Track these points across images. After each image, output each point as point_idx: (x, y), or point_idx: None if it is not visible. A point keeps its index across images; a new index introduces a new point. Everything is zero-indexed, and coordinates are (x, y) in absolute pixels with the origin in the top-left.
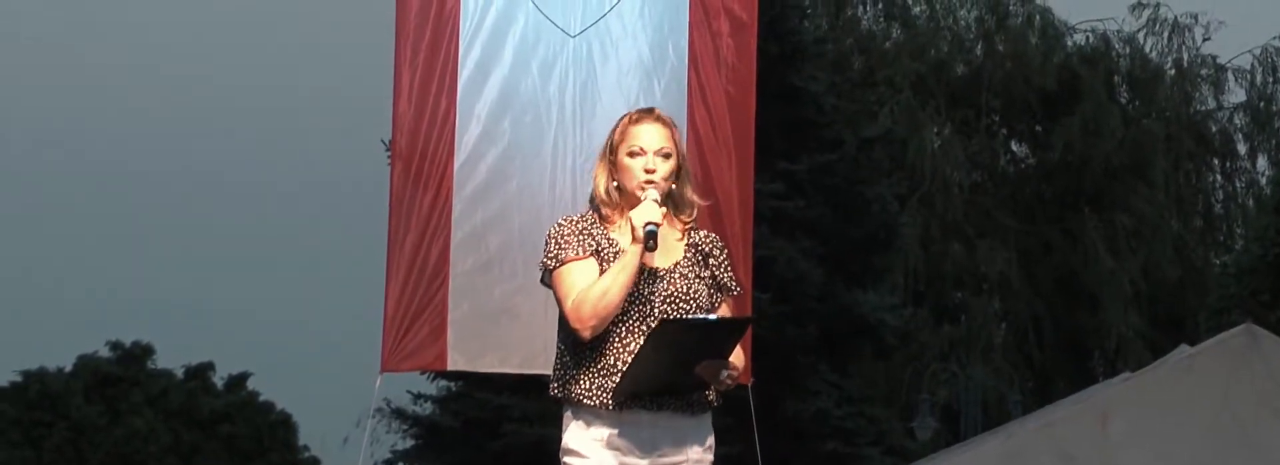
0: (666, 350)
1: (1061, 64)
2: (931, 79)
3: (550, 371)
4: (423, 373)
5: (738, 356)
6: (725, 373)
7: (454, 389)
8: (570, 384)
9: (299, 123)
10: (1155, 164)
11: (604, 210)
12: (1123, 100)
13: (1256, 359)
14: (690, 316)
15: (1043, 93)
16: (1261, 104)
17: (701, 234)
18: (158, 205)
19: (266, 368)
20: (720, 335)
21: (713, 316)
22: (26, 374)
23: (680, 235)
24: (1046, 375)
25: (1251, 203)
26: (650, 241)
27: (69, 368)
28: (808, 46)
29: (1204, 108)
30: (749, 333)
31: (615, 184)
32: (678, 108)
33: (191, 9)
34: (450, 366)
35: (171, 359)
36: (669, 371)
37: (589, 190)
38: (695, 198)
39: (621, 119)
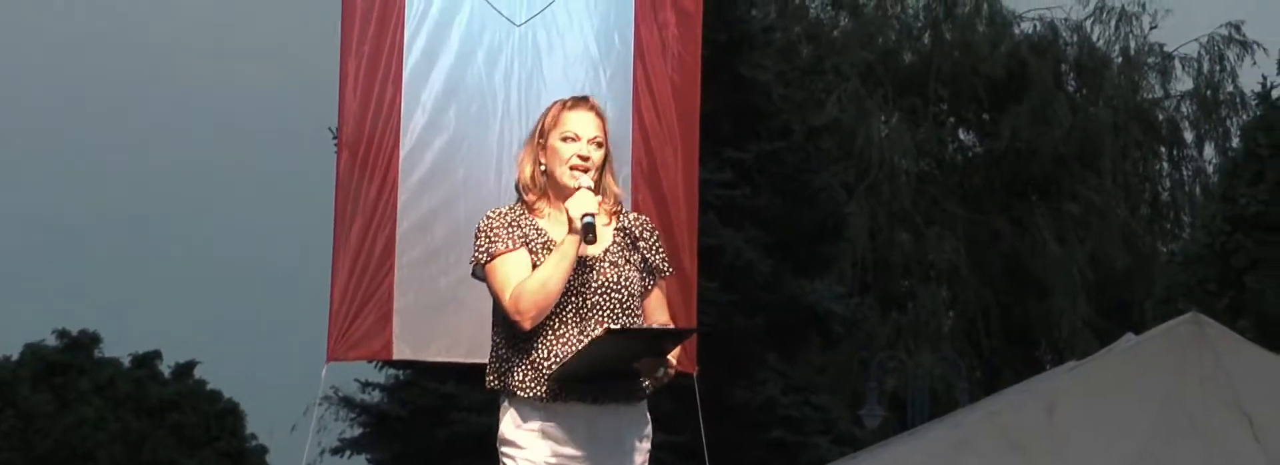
0: (607, 354)
1: (1009, 52)
2: (879, 67)
3: None
4: (370, 361)
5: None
6: (662, 370)
7: (402, 378)
8: (506, 375)
9: (245, 111)
10: (1103, 152)
11: (529, 197)
12: (1070, 89)
13: (1203, 347)
14: (638, 326)
15: (990, 81)
16: (1208, 92)
17: (631, 216)
18: (102, 193)
19: (213, 356)
20: (664, 340)
21: (658, 326)
22: None
23: (608, 219)
24: (994, 364)
25: (1198, 191)
26: (589, 234)
27: (15, 356)
28: (755, 35)
29: (1151, 96)
30: (695, 322)
31: (543, 169)
32: (623, 97)
33: None
34: (396, 356)
35: (118, 347)
36: (606, 368)
37: None
38: (617, 189)
39: (553, 105)
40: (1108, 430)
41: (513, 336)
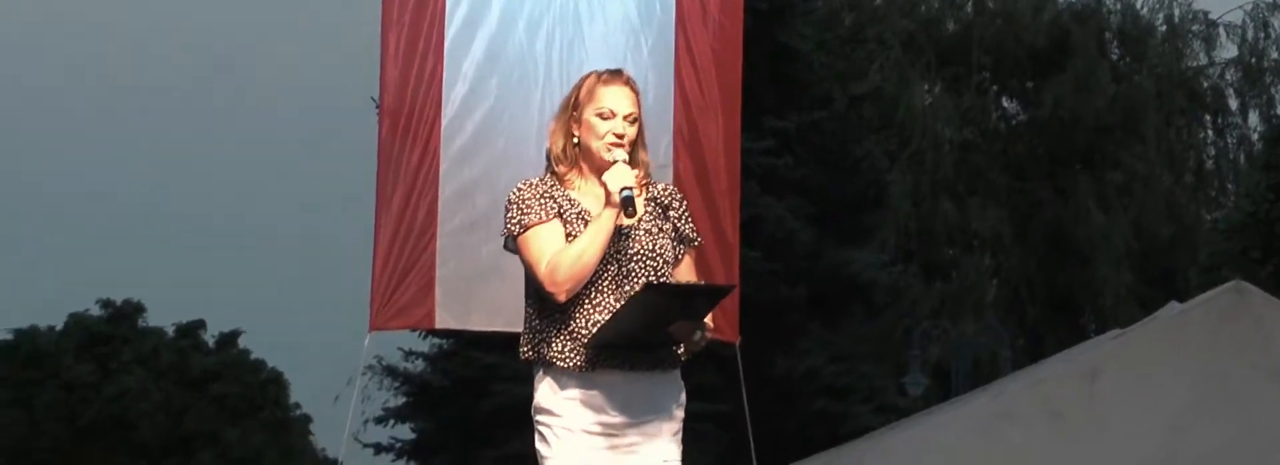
0: (646, 312)
1: (1052, 21)
2: (921, 36)
3: None
4: (413, 330)
5: (709, 318)
6: (698, 334)
7: (445, 347)
8: (542, 346)
9: (289, 81)
10: (1146, 120)
11: (560, 168)
12: (1114, 57)
13: (1245, 316)
14: (676, 281)
15: (1033, 49)
16: (1253, 60)
17: (660, 186)
18: (149, 164)
19: (257, 326)
20: (700, 300)
21: (699, 282)
22: (17, 332)
23: (639, 190)
24: (1038, 332)
25: (1243, 159)
26: (629, 207)
27: (60, 326)
28: (797, 3)
29: (1195, 64)
30: (737, 291)
31: (576, 141)
32: (665, 66)
33: None
34: (438, 325)
35: (162, 317)
36: (644, 331)
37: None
38: (648, 158)
39: (587, 76)
40: (1150, 398)
41: (548, 307)
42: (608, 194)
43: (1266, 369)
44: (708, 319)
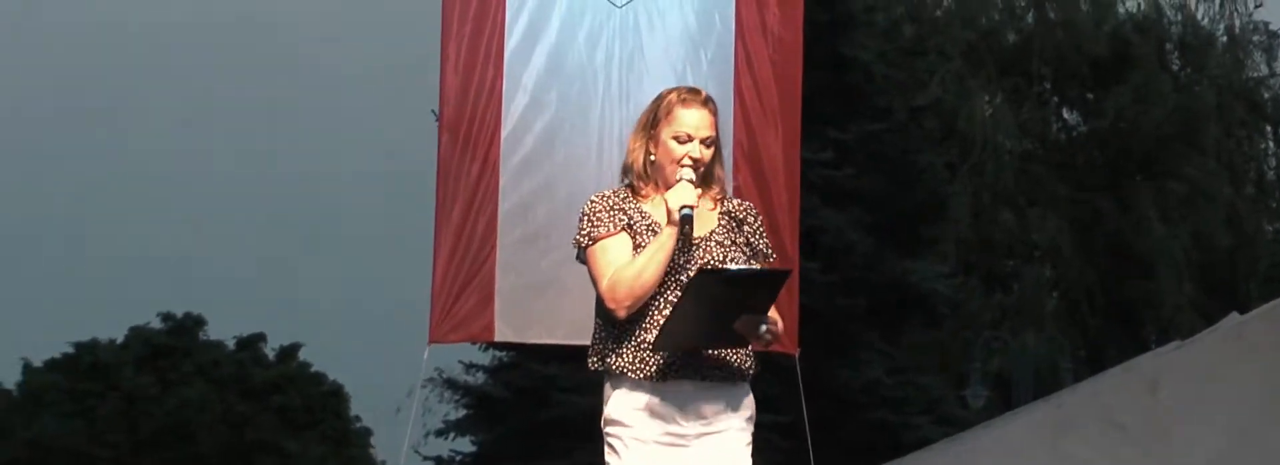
0: (704, 303)
1: (1112, 31)
2: (982, 47)
3: None
4: (473, 343)
5: (775, 314)
6: (764, 327)
7: (505, 359)
8: (609, 357)
9: (348, 94)
10: (1207, 131)
11: (637, 183)
12: (1174, 67)
13: None
14: (727, 267)
15: (1094, 60)
16: None
17: (735, 202)
18: (208, 178)
19: (318, 339)
20: (759, 289)
21: (750, 267)
22: (79, 345)
23: (712, 205)
24: (1098, 343)
25: None
26: (686, 225)
27: (121, 339)
28: (857, 15)
29: (1256, 75)
30: (796, 302)
31: (652, 159)
32: (724, 78)
33: None
34: (497, 338)
35: (223, 330)
36: (706, 325)
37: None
38: (722, 174)
39: (667, 94)
40: (1212, 410)
41: (615, 320)
42: (668, 212)
43: None
44: (776, 317)
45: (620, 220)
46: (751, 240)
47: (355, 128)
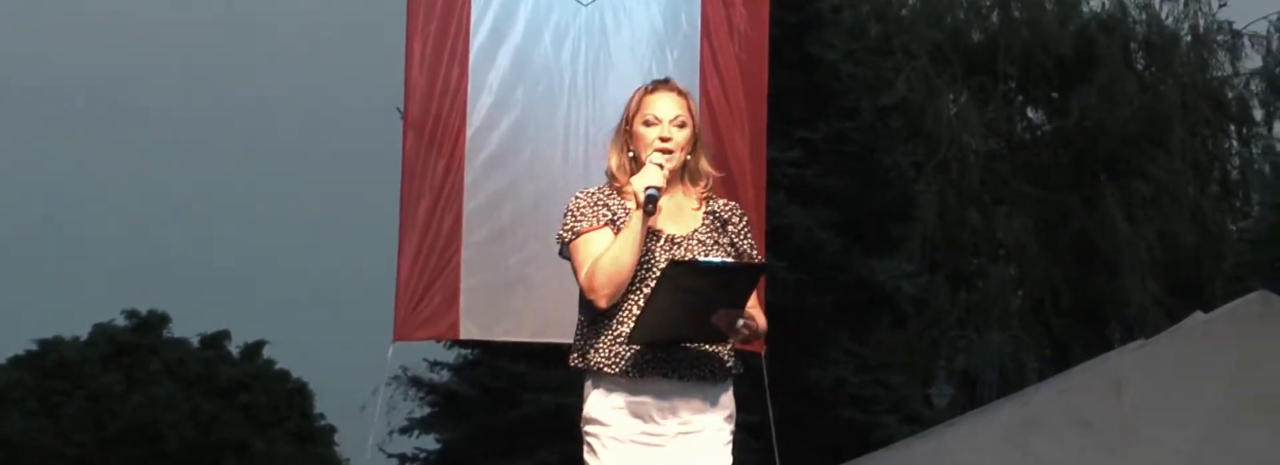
0: (679, 295)
1: (1078, 30)
2: (948, 46)
3: (564, 341)
4: (439, 341)
5: (754, 307)
6: (741, 322)
7: (470, 357)
8: (590, 353)
9: (313, 92)
10: (1172, 130)
11: (617, 183)
12: (1139, 67)
13: (1272, 325)
14: (699, 258)
15: (1059, 59)
16: (1278, 70)
17: (721, 202)
18: (171, 173)
19: (282, 336)
20: (734, 283)
21: (722, 259)
22: (43, 343)
23: (697, 204)
24: (1063, 342)
25: (1268, 169)
26: (650, 205)
27: (85, 336)
28: (824, 14)
29: (1220, 74)
30: (764, 301)
31: (631, 155)
32: (690, 77)
33: None
34: (463, 335)
35: (187, 327)
36: (683, 319)
37: (601, 159)
38: (710, 169)
39: (637, 91)
40: (1176, 409)
41: (595, 315)
42: (634, 195)
43: None
44: (756, 312)
45: (603, 215)
46: (735, 241)
47: (320, 125)
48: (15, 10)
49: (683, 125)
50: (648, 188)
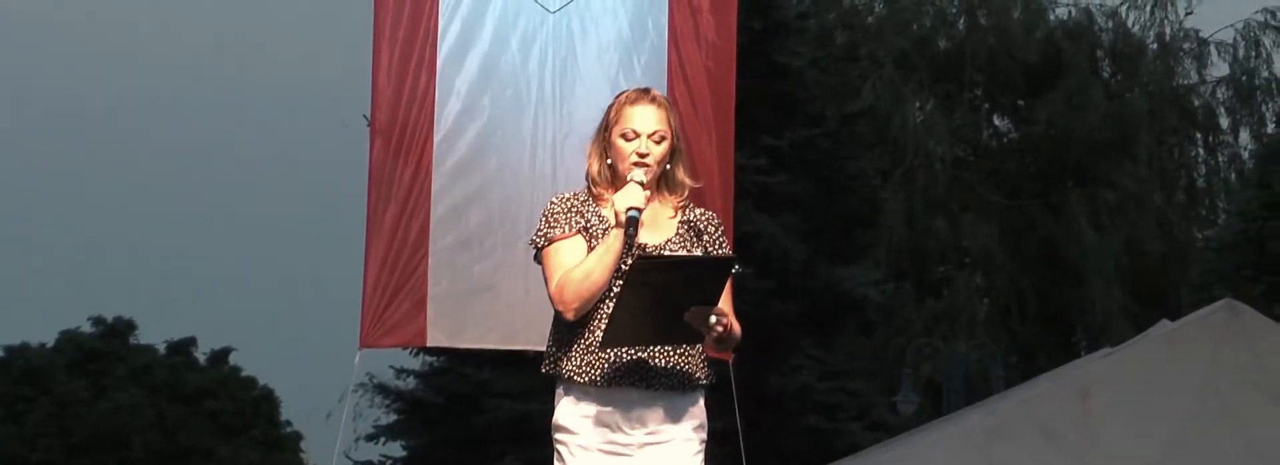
0: (645, 294)
1: (1044, 38)
2: (914, 54)
3: (531, 348)
4: (405, 348)
5: (728, 314)
6: (714, 318)
7: (436, 364)
8: (560, 361)
9: (278, 99)
10: (1138, 138)
11: (596, 189)
12: (1106, 74)
13: (1238, 334)
14: (668, 254)
15: (1026, 67)
16: (1244, 78)
17: (697, 212)
18: (138, 182)
19: (248, 343)
20: (703, 279)
21: (691, 254)
22: (9, 349)
23: (672, 213)
24: (1029, 350)
25: (1234, 177)
26: (631, 228)
27: (51, 343)
28: (790, 22)
29: (1187, 82)
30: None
31: (609, 162)
32: (658, 84)
33: None
34: (430, 342)
35: (153, 334)
36: (654, 319)
37: (571, 166)
38: (687, 179)
39: (618, 97)
40: (1142, 417)
41: (566, 322)
42: (616, 214)
43: (1258, 386)
44: (728, 308)
45: (577, 223)
46: (710, 250)
47: (287, 131)
48: None
49: (661, 139)
50: (629, 209)
